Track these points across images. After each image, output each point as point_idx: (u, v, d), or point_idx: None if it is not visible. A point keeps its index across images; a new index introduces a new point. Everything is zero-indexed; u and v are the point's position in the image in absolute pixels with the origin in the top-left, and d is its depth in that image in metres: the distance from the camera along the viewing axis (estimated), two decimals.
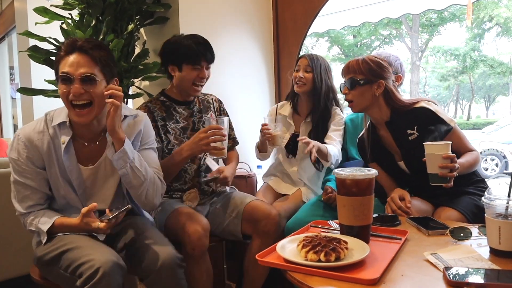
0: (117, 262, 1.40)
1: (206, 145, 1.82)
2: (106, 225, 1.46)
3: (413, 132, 1.81)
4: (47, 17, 2.49)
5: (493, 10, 13.36)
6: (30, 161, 1.56)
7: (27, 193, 1.58)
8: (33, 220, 1.58)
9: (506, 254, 1.17)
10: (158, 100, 2.13)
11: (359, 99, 1.84)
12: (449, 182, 1.58)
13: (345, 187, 1.27)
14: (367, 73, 1.81)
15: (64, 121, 1.58)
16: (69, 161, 1.59)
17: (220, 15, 2.80)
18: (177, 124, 2.11)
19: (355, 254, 1.16)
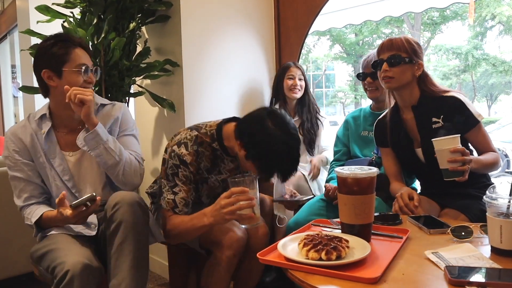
0: (87, 264, 1.40)
1: (231, 214, 1.49)
2: (72, 213, 1.50)
3: (438, 120, 1.78)
4: (48, 15, 2.49)
5: (496, 8, 13.33)
6: (17, 154, 1.69)
7: (21, 186, 1.68)
8: (28, 214, 1.65)
9: (508, 253, 1.17)
10: (210, 147, 1.75)
11: (400, 76, 1.79)
12: (464, 175, 1.56)
13: (346, 186, 1.27)
14: (411, 52, 1.79)
15: (44, 113, 1.73)
16: (51, 148, 1.71)
17: (221, 13, 2.80)
18: (219, 175, 1.81)
19: (356, 252, 1.16)
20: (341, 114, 18.59)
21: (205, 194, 1.85)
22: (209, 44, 2.71)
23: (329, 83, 22.43)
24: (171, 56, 2.60)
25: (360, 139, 2.29)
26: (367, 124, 2.28)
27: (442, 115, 1.78)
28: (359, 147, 2.28)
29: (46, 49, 1.65)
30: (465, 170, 1.56)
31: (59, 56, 1.64)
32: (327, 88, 22.20)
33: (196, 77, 2.63)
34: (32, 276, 1.73)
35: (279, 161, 1.58)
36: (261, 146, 1.56)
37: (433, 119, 1.79)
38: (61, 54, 1.64)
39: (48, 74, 1.66)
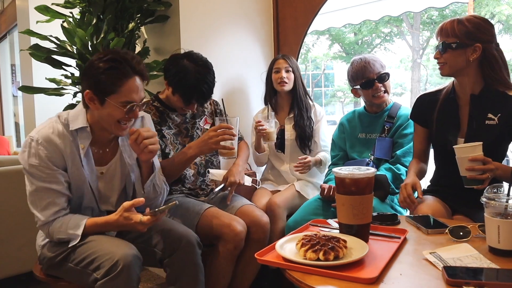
0: (136, 255, 1.44)
1: (216, 143, 1.82)
2: (149, 219, 1.46)
3: (493, 118, 1.70)
4: (48, 15, 2.49)
5: (495, 7, 13.31)
6: (52, 163, 1.51)
7: (50, 199, 1.52)
8: (60, 227, 1.51)
9: (505, 253, 1.18)
10: (152, 105, 2.11)
11: (452, 61, 1.73)
12: (484, 184, 1.53)
13: (344, 186, 1.27)
14: (462, 36, 1.69)
15: (85, 126, 1.56)
16: (88, 164, 1.60)
17: (220, 13, 2.80)
18: (170, 130, 2.12)
19: (354, 253, 1.17)
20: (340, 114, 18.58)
21: (168, 146, 2.08)
22: (208, 44, 2.71)
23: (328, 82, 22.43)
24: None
25: (358, 142, 2.27)
26: (363, 126, 2.27)
27: (500, 113, 1.70)
28: (357, 150, 2.26)
29: (97, 72, 1.48)
30: (484, 178, 1.53)
31: (107, 84, 1.48)
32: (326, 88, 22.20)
33: None
34: (31, 275, 1.73)
35: (194, 87, 1.94)
36: (178, 76, 1.95)
37: (488, 115, 1.72)
38: (110, 84, 1.48)
39: (90, 96, 1.50)
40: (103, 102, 1.50)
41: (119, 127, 1.55)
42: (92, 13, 2.40)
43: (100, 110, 1.52)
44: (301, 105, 2.51)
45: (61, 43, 2.41)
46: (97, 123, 1.58)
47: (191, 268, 1.65)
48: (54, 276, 1.63)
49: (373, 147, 2.18)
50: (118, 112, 1.50)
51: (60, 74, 2.49)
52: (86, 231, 1.51)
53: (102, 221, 1.53)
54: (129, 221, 1.47)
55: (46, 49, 2.39)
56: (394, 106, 2.23)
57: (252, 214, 2.03)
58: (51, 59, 2.40)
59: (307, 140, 2.49)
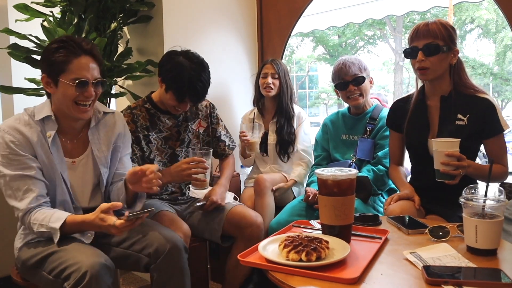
0: (104, 264, 1.40)
1: (188, 176, 1.86)
2: (121, 224, 1.41)
3: (462, 119, 1.73)
4: (27, 14, 2.44)
5: (475, 12, 13.58)
6: (21, 150, 1.52)
7: (26, 186, 1.51)
8: (43, 220, 1.48)
9: (482, 252, 1.20)
10: (143, 107, 2.08)
11: (436, 66, 1.70)
12: (455, 179, 1.57)
13: (327, 187, 1.28)
14: (447, 39, 1.69)
15: (49, 115, 1.58)
16: (57, 154, 1.60)
17: (204, 14, 2.79)
18: (160, 133, 2.08)
19: (336, 253, 1.17)
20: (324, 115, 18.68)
21: (153, 152, 2.06)
22: (191, 45, 2.70)
23: (313, 84, 22.54)
24: (153, 56, 2.58)
25: (341, 143, 2.29)
26: (347, 127, 2.29)
27: (469, 114, 1.73)
28: (340, 151, 2.28)
29: (48, 53, 1.54)
30: (456, 174, 1.56)
31: (57, 64, 1.51)
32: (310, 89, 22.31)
33: None
34: (9, 280, 1.69)
35: (189, 84, 1.90)
36: (173, 73, 1.92)
37: (458, 116, 1.75)
38: (60, 62, 1.51)
39: (46, 80, 1.55)
40: (57, 82, 1.53)
41: (78, 108, 1.56)
42: (73, 13, 2.37)
43: (56, 93, 1.55)
44: (284, 112, 2.57)
45: (41, 42, 2.37)
46: (60, 111, 1.60)
47: (178, 273, 1.62)
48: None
49: (355, 148, 2.20)
50: (71, 90, 1.52)
51: (40, 74, 2.44)
52: (65, 227, 1.48)
53: (79, 219, 1.50)
54: (103, 223, 1.43)
55: (26, 48, 2.35)
56: (376, 108, 2.25)
57: (247, 214, 2.03)
58: (31, 58, 2.36)
59: (286, 147, 2.56)
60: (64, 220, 1.47)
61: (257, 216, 2.04)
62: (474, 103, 1.74)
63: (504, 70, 15.21)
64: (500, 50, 14.61)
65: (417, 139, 1.84)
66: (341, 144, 2.29)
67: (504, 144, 1.76)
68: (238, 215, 2.02)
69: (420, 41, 1.72)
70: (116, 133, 1.74)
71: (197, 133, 2.15)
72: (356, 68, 2.17)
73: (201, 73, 1.95)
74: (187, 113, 2.14)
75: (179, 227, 1.87)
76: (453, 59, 1.74)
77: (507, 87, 15.77)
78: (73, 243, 1.51)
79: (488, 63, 15.81)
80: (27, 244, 1.58)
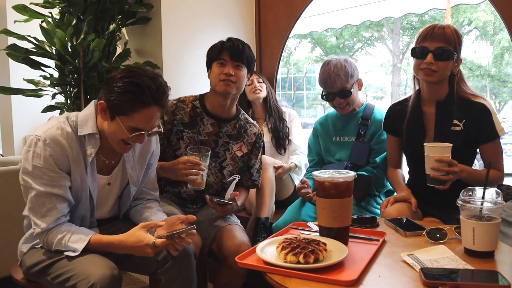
0: (113, 276, 1.35)
1: (182, 175, 1.79)
2: (164, 243, 1.35)
3: (458, 124, 1.73)
4: (26, 15, 2.45)
5: (472, 14, 13.62)
6: (58, 166, 1.42)
7: (51, 204, 1.42)
8: (62, 239, 1.40)
9: (480, 254, 1.21)
10: (191, 103, 2.00)
11: (443, 72, 1.69)
12: (445, 185, 1.57)
13: (324, 189, 1.29)
14: (457, 47, 1.69)
15: (94, 133, 1.49)
16: (91, 172, 1.53)
17: (202, 16, 2.80)
18: (196, 135, 1.97)
19: (333, 255, 1.18)
20: None
21: (181, 149, 1.96)
22: (190, 47, 2.71)
23: (310, 86, 22.56)
24: (151, 58, 2.58)
25: (333, 145, 2.24)
26: (337, 128, 2.24)
27: (465, 120, 1.73)
28: (332, 153, 2.24)
29: (115, 88, 1.40)
30: (446, 179, 1.57)
31: (122, 106, 1.40)
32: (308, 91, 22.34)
33: (177, 79, 2.62)
34: (10, 280, 1.67)
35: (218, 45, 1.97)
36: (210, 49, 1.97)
37: (454, 121, 1.74)
38: (125, 107, 1.39)
39: (103, 107, 1.43)
40: (113, 118, 1.43)
41: (123, 146, 1.49)
42: (72, 14, 2.37)
43: (108, 123, 1.46)
44: (274, 110, 2.73)
45: (39, 43, 2.38)
46: (104, 132, 1.51)
47: (186, 279, 1.59)
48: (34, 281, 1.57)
49: (350, 151, 2.18)
50: (124, 134, 1.44)
51: (38, 75, 2.45)
52: (88, 247, 1.40)
53: (106, 241, 1.42)
54: (139, 243, 1.35)
55: (24, 49, 2.35)
56: (368, 108, 2.19)
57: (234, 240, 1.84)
58: (29, 59, 2.36)
59: (282, 140, 2.68)
60: (87, 241, 1.40)
61: (242, 245, 1.82)
62: (470, 108, 1.73)
63: (501, 72, 15.27)
64: (498, 52, 14.66)
65: (414, 144, 1.84)
66: (332, 147, 2.24)
67: (500, 149, 1.76)
68: (225, 239, 1.85)
69: (432, 43, 1.68)
70: (150, 151, 1.69)
71: (235, 155, 2.05)
72: (343, 80, 2.06)
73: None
74: (234, 129, 2.03)
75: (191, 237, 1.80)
76: (455, 68, 1.74)
77: (504, 88, 15.83)
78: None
79: (485, 65, 15.86)
80: (32, 249, 1.53)
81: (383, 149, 2.11)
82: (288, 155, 2.72)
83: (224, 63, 1.91)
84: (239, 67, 1.91)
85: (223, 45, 1.93)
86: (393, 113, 1.97)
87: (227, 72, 1.88)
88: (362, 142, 2.14)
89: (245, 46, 1.94)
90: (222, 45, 1.93)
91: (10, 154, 3.99)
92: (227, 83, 1.89)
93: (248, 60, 1.93)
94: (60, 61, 2.36)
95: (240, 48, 1.91)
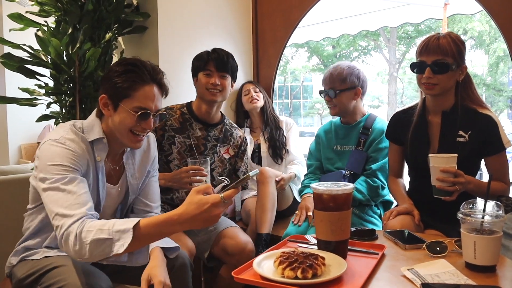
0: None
1: (186, 183, 1.85)
2: (229, 194, 1.16)
3: (464, 135, 1.71)
4: (22, 23, 2.42)
5: (467, 24, 13.75)
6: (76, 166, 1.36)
7: (82, 195, 1.29)
8: (104, 225, 1.20)
9: (481, 269, 1.19)
10: (179, 110, 2.13)
11: (445, 83, 1.67)
12: (452, 196, 1.54)
13: (322, 202, 1.27)
14: (457, 56, 1.65)
15: (102, 137, 1.47)
16: (101, 178, 1.50)
17: (199, 25, 2.79)
18: (187, 139, 2.08)
19: (332, 270, 1.15)
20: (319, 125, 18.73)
21: (174, 154, 2.06)
22: (186, 56, 2.68)
23: (307, 94, 22.62)
24: None
25: (333, 153, 2.25)
26: (339, 137, 2.25)
27: (471, 131, 1.70)
28: (331, 161, 2.25)
29: (113, 74, 1.43)
30: (452, 190, 1.53)
31: (121, 88, 1.41)
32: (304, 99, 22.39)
33: (173, 88, 2.59)
34: None
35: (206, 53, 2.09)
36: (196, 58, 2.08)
37: (459, 132, 1.72)
38: (124, 88, 1.41)
39: (105, 101, 1.44)
40: (117, 107, 1.43)
41: (132, 137, 1.46)
42: (68, 23, 2.35)
43: (113, 116, 1.44)
44: (271, 119, 2.77)
45: (34, 52, 2.35)
46: (111, 134, 1.48)
47: None
48: None
49: (347, 159, 2.18)
50: (130, 118, 1.42)
51: (33, 84, 2.42)
52: (138, 231, 1.19)
53: (162, 219, 1.20)
54: (204, 205, 1.15)
55: (19, 58, 2.32)
56: (370, 118, 2.22)
57: (236, 239, 1.96)
58: (24, 68, 2.33)
59: (279, 150, 2.69)
60: (137, 221, 1.20)
61: (247, 244, 1.97)
62: (476, 119, 1.71)
63: (497, 81, 15.37)
64: (493, 61, 14.77)
65: (418, 154, 1.81)
66: (333, 155, 2.25)
67: (506, 162, 1.73)
68: (229, 239, 1.96)
69: (429, 57, 1.67)
70: (151, 159, 1.67)
71: (223, 158, 2.15)
72: (335, 81, 2.14)
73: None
74: (221, 133, 2.16)
75: (185, 244, 1.82)
76: (460, 76, 1.71)
77: (500, 97, 15.91)
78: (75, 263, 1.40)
79: (481, 74, 15.97)
80: (23, 261, 1.49)
81: (380, 156, 2.11)
82: (285, 165, 2.71)
83: (210, 74, 2.05)
84: (224, 77, 2.06)
85: (209, 56, 2.07)
86: (397, 121, 1.95)
87: (213, 82, 2.03)
88: (360, 150, 2.15)
89: (229, 57, 2.10)
90: (208, 56, 2.07)
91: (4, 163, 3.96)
92: (213, 92, 2.04)
93: (232, 70, 2.09)
94: (55, 70, 2.33)
95: (225, 60, 2.06)
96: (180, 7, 2.65)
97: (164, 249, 1.52)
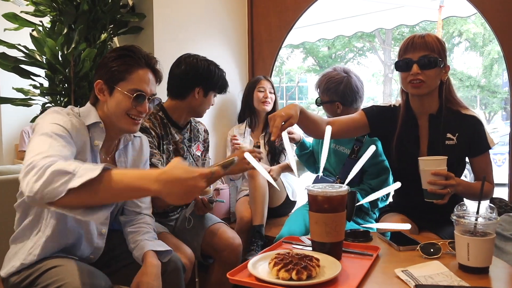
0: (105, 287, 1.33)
1: None
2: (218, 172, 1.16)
3: (452, 138, 1.70)
4: (17, 23, 2.41)
5: (462, 25, 13.83)
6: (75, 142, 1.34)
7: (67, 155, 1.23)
8: (70, 165, 1.08)
9: (475, 270, 1.19)
10: (158, 115, 2.03)
11: (432, 81, 1.63)
12: (444, 199, 1.52)
13: (317, 204, 1.27)
14: (442, 54, 1.63)
15: (98, 121, 1.47)
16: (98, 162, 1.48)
17: (194, 26, 2.79)
18: (169, 145, 2.05)
19: (327, 271, 1.16)
20: None
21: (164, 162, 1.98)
22: None
23: (302, 95, 22.65)
24: None
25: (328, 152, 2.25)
26: None
27: (458, 133, 1.70)
28: (328, 160, 2.25)
29: (108, 60, 1.47)
30: (444, 193, 1.52)
31: (117, 72, 1.44)
32: (300, 100, 22.41)
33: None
34: None
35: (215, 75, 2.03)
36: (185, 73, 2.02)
37: (447, 135, 1.71)
38: (120, 71, 1.45)
39: (100, 86, 1.46)
40: (112, 90, 1.45)
41: (129, 120, 1.47)
42: (63, 23, 2.34)
43: (109, 101, 1.46)
44: None
45: (29, 52, 2.34)
46: (107, 119, 1.48)
47: None
48: None
49: (341, 167, 2.18)
50: (126, 101, 1.44)
51: (28, 84, 2.41)
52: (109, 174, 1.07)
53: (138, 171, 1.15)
54: (192, 173, 1.06)
55: (14, 58, 2.31)
56: None
57: (224, 236, 1.98)
58: (19, 68, 2.32)
59: (277, 157, 2.69)
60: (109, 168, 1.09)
61: (234, 239, 1.99)
62: (462, 121, 1.71)
63: (491, 83, 15.45)
64: (487, 63, 14.86)
65: (407, 157, 1.76)
66: (329, 153, 2.26)
67: (490, 161, 1.74)
68: (215, 236, 1.97)
69: (415, 53, 1.63)
70: (143, 160, 1.68)
71: (196, 155, 2.16)
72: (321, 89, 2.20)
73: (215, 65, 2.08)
74: (191, 133, 2.16)
75: (183, 252, 1.80)
76: (444, 75, 1.69)
77: (494, 99, 16.01)
78: (72, 261, 1.39)
79: (475, 75, 16.05)
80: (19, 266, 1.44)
81: (376, 171, 2.11)
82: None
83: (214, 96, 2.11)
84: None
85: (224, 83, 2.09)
86: (383, 115, 1.82)
87: (213, 104, 2.12)
88: (354, 159, 2.12)
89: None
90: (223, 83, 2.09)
91: None
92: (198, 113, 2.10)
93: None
94: (50, 70, 2.32)
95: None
96: (175, 8, 2.64)
97: (157, 253, 1.52)
